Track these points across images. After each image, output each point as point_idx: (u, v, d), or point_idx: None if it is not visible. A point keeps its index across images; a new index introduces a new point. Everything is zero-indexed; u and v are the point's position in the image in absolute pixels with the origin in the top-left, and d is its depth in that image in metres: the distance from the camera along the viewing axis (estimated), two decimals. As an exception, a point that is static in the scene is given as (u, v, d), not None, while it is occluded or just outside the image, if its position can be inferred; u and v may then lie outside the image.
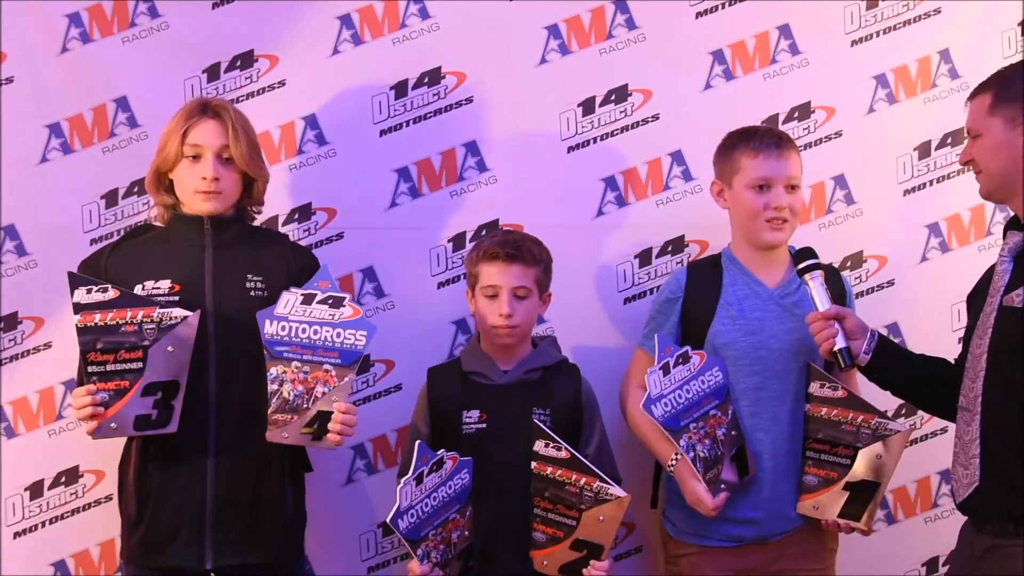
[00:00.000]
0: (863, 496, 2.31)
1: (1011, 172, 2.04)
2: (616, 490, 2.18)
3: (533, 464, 2.22)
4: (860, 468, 2.30)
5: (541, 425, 2.23)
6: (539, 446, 2.21)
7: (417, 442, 2.18)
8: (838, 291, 2.43)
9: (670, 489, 2.47)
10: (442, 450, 2.19)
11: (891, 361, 2.27)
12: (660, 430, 2.30)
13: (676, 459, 2.34)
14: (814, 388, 2.34)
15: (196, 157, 2.25)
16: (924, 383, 2.28)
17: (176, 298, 2.20)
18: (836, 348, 2.22)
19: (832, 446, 2.32)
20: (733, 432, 2.34)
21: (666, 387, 2.27)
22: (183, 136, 2.25)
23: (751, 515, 2.37)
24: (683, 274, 2.50)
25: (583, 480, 2.18)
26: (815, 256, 2.31)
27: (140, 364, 2.14)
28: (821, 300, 2.26)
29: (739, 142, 2.44)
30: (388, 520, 2.08)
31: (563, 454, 2.20)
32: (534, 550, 2.25)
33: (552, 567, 2.24)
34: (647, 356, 2.44)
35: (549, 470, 2.20)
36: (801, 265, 2.30)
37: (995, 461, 1.99)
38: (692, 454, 2.26)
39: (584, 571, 2.21)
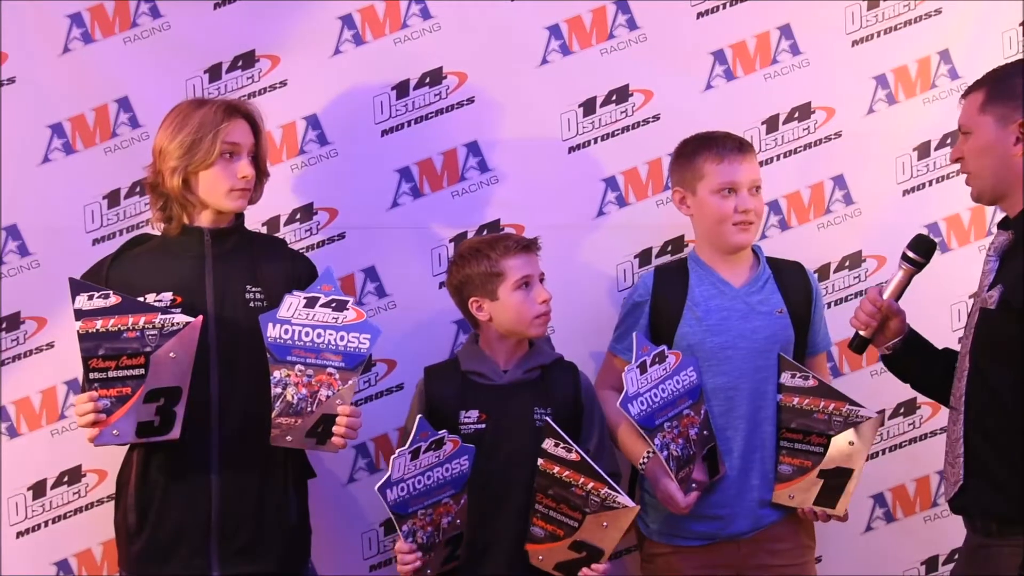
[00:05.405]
0: (837, 483, 2.32)
1: (1000, 171, 2.03)
2: (624, 499, 2.16)
3: (540, 461, 2.20)
4: (833, 455, 2.31)
5: (554, 425, 2.21)
6: (548, 444, 2.20)
7: (418, 416, 2.17)
8: (803, 288, 2.45)
9: (643, 489, 2.48)
10: (444, 431, 2.18)
11: (914, 356, 2.26)
12: (633, 429, 2.30)
13: (648, 456, 2.34)
14: (785, 378, 2.35)
15: (232, 155, 2.25)
16: (944, 379, 2.22)
17: (178, 310, 2.18)
18: (860, 332, 2.23)
19: (805, 435, 2.34)
20: (705, 432, 2.35)
21: (642, 386, 2.27)
22: (220, 135, 2.21)
23: (720, 512, 2.38)
24: (650, 277, 2.51)
25: (591, 484, 2.17)
26: (931, 254, 2.23)
27: (142, 370, 2.12)
28: (893, 291, 2.22)
29: (700, 148, 2.44)
30: (376, 488, 2.07)
31: (573, 456, 2.18)
32: (530, 544, 2.24)
33: (548, 563, 2.23)
34: (617, 359, 2.46)
35: (556, 469, 2.19)
36: (909, 253, 2.22)
37: (978, 460, 2.00)
38: (665, 453, 2.27)
39: (581, 572, 2.19)
